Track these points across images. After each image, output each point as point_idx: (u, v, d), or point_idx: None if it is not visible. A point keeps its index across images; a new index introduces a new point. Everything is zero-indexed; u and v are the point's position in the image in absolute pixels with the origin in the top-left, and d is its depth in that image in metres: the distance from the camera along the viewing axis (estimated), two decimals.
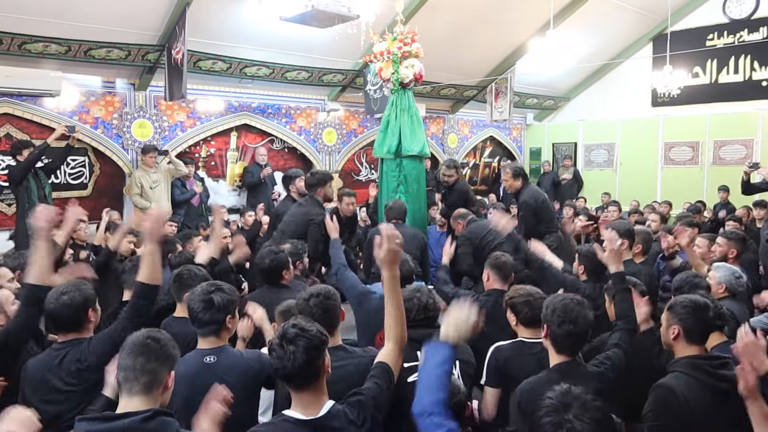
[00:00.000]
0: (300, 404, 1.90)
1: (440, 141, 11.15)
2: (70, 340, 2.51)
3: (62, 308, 2.47)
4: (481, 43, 9.02)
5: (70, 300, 2.48)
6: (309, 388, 1.89)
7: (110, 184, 7.41)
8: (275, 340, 1.90)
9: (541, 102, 12.25)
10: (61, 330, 2.55)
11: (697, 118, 10.63)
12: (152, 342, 1.91)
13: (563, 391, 1.64)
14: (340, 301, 2.64)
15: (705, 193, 10.05)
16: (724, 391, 2.28)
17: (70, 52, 6.40)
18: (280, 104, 8.80)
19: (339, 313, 2.61)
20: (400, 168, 5.38)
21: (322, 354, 1.91)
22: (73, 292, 2.51)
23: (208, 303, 2.46)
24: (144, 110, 7.45)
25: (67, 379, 2.43)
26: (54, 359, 2.46)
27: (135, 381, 1.86)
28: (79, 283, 2.61)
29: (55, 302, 2.48)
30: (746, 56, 10.24)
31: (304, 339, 1.87)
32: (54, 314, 2.50)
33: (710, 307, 2.42)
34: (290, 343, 1.85)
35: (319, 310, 2.50)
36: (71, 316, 2.49)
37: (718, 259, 4.35)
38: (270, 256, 3.63)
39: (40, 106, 6.67)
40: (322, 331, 1.96)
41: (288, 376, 1.88)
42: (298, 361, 1.84)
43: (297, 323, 1.93)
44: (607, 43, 10.80)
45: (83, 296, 2.52)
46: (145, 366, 1.87)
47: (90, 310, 2.55)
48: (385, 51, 5.25)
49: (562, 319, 2.35)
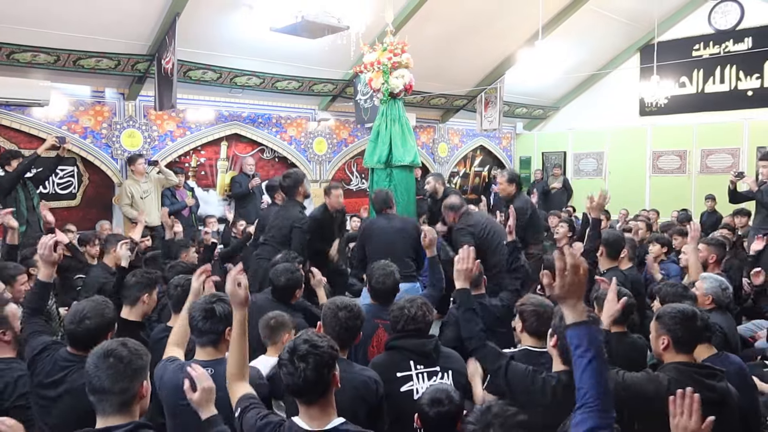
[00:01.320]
0: (307, 415, 1.89)
1: (430, 150, 11.19)
2: (82, 356, 2.41)
3: (84, 332, 2.47)
4: (470, 53, 9.09)
5: (94, 325, 2.48)
6: (317, 402, 1.89)
7: (99, 194, 7.37)
8: (285, 355, 1.88)
9: (530, 111, 12.34)
10: (76, 347, 2.52)
11: (685, 128, 10.75)
12: (116, 362, 1.83)
13: (483, 410, 1.62)
14: (362, 323, 2.67)
15: (693, 201, 10.16)
16: (710, 400, 2.29)
17: (59, 62, 6.38)
18: (271, 114, 8.80)
19: (358, 335, 2.66)
20: (391, 178, 5.39)
21: (332, 369, 1.90)
22: (96, 318, 2.49)
23: (209, 312, 2.41)
24: (134, 120, 7.43)
25: (67, 390, 2.42)
26: (63, 369, 2.47)
27: (107, 402, 1.82)
28: (103, 307, 2.57)
29: (78, 325, 2.47)
30: (732, 66, 10.38)
31: (314, 356, 1.85)
32: (75, 335, 2.50)
33: (698, 316, 2.43)
34: (301, 360, 1.84)
35: (345, 325, 2.54)
36: (91, 338, 2.45)
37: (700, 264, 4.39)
38: (286, 274, 3.56)
39: (28, 116, 6.64)
40: (333, 346, 1.95)
41: (298, 392, 1.88)
42: (309, 378, 1.83)
43: (309, 338, 1.90)
44: (595, 53, 10.92)
45: (106, 322, 2.53)
46: (114, 387, 1.81)
47: (109, 333, 2.54)
48: (376, 61, 5.27)
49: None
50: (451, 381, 2.71)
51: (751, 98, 10.22)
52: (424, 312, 2.81)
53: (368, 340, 3.27)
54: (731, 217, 7.78)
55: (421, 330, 2.79)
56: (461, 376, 2.80)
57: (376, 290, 3.39)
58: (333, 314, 2.55)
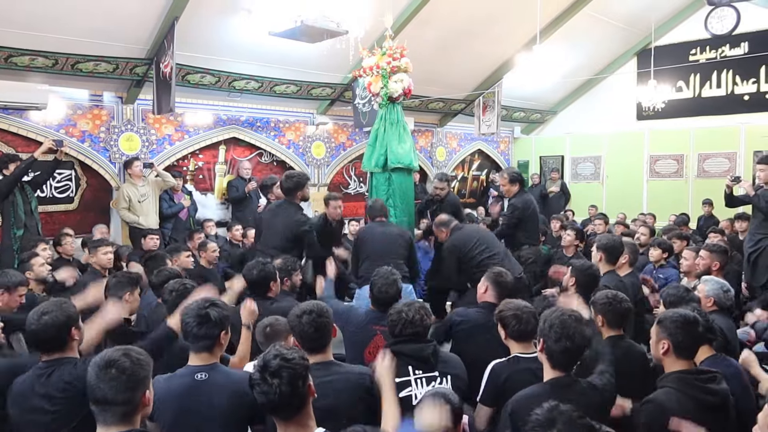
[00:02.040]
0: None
1: (429, 154, 11.20)
2: (55, 359, 2.43)
3: (44, 328, 2.40)
4: (468, 57, 9.10)
5: (52, 320, 2.41)
6: (295, 416, 1.86)
7: (97, 197, 7.35)
8: (256, 374, 1.86)
9: (528, 115, 12.36)
10: (44, 350, 2.47)
11: (682, 132, 10.77)
12: (119, 373, 1.81)
13: (550, 407, 1.63)
14: (332, 318, 2.63)
15: (690, 205, 10.18)
16: (713, 404, 2.30)
17: (57, 65, 6.37)
18: (269, 117, 8.80)
19: (331, 330, 2.61)
20: (389, 181, 5.40)
21: (306, 380, 1.88)
22: (55, 311, 2.43)
23: (204, 318, 2.41)
24: (132, 123, 7.42)
25: (51, 400, 2.35)
26: (39, 379, 2.39)
27: (110, 412, 1.81)
28: (61, 302, 2.54)
29: (37, 322, 2.41)
30: (728, 71, 10.42)
31: (287, 370, 1.83)
32: (36, 334, 2.43)
33: (699, 322, 2.43)
34: (274, 376, 1.82)
35: (312, 327, 2.50)
36: (54, 336, 2.42)
37: (702, 272, 4.41)
38: (258, 267, 3.64)
39: (26, 120, 6.62)
40: (304, 356, 1.94)
41: (274, 409, 1.86)
42: (284, 393, 1.81)
43: (278, 353, 1.88)
44: (592, 57, 10.95)
45: (65, 315, 2.45)
46: (118, 398, 1.80)
47: (73, 328, 2.48)
48: (374, 66, 5.29)
49: (559, 335, 2.32)
50: (449, 386, 2.71)
51: (747, 102, 10.25)
52: (422, 316, 2.81)
53: (365, 345, 3.28)
54: (729, 221, 7.80)
55: (419, 334, 2.79)
56: (460, 381, 2.79)
57: (378, 299, 3.39)
58: (297, 321, 2.53)
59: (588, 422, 1.57)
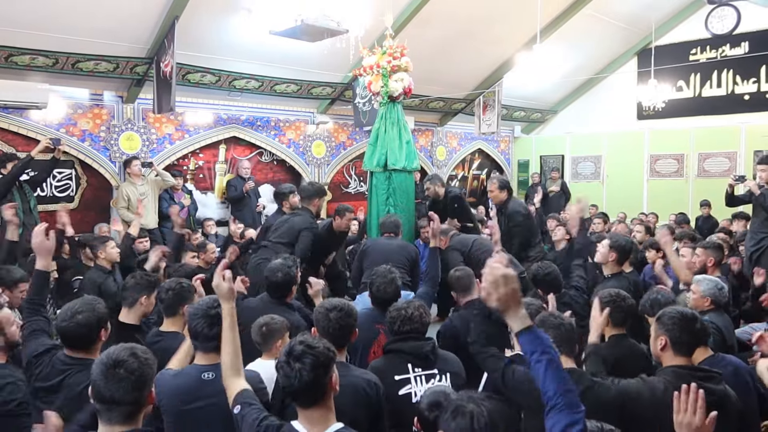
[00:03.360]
0: (306, 420, 1.88)
1: (429, 153, 11.20)
2: (80, 360, 2.45)
3: (76, 328, 2.44)
4: (469, 56, 9.11)
5: (85, 320, 2.44)
6: (315, 405, 1.88)
7: (97, 197, 7.36)
8: (282, 357, 1.89)
9: (528, 115, 12.36)
10: (71, 347, 2.50)
11: (682, 132, 10.78)
12: (127, 374, 1.79)
13: (459, 395, 1.78)
14: (357, 321, 2.65)
15: (690, 205, 10.17)
16: (709, 404, 2.29)
17: (58, 65, 6.38)
18: (269, 117, 8.81)
19: (353, 332, 2.64)
20: (390, 181, 5.39)
21: (329, 371, 1.89)
22: (87, 312, 2.46)
23: (214, 318, 2.37)
24: (132, 123, 7.42)
25: (68, 402, 2.37)
26: (59, 375, 2.43)
27: (116, 411, 1.80)
28: (94, 302, 2.56)
29: (69, 321, 2.44)
30: (728, 70, 10.41)
31: (310, 356, 1.85)
32: (66, 332, 2.47)
33: (698, 319, 2.44)
34: (297, 360, 1.84)
35: (337, 325, 2.53)
36: (84, 335, 2.46)
37: (699, 269, 4.40)
38: (283, 270, 3.50)
39: (26, 119, 6.63)
40: (330, 348, 1.94)
41: (294, 394, 1.88)
42: (305, 379, 1.83)
43: (304, 340, 1.91)
44: (593, 57, 10.95)
45: (97, 316, 2.49)
46: (126, 398, 1.79)
47: (102, 330, 2.51)
48: (375, 65, 5.28)
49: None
50: (449, 383, 2.71)
51: (748, 102, 10.25)
52: (421, 313, 2.83)
53: (370, 345, 3.27)
54: (729, 221, 7.80)
55: (417, 331, 2.80)
56: (459, 379, 2.80)
57: (377, 298, 3.39)
58: (324, 316, 2.55)
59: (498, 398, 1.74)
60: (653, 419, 2.17)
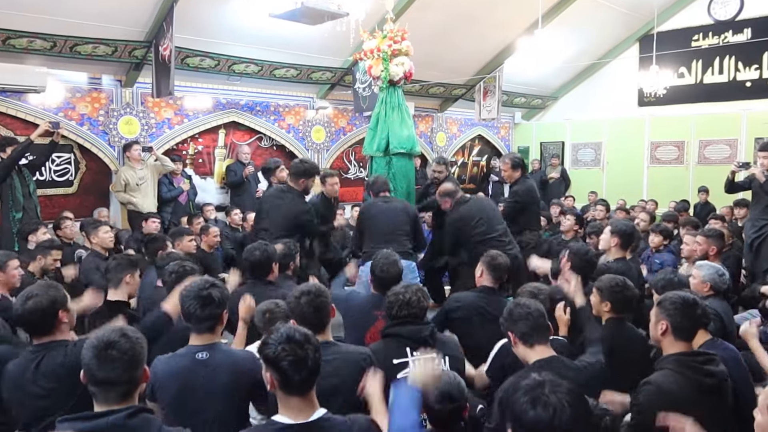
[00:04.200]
0: (288, 409, 1.84)
1: (429, 139, 11.17)
2: (46, 344, 2.41)
3: (29, 313, 2.38)
4: (470, 41, 9.04)
5: (35, 304, 2.37)
6: (307, 394, 1.86)
7: (96, 181, 7.33)
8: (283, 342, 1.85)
9: (529, 101, 12.31)
10: (34, 334, 2.47)
11: (683, 118, 10.74)
12: (120, 354, 1.80)
13: (537, 375, 1.70)
14: (330, 298, 2.64)
15: (690, 192, 10.15)
16: (710, 386, 2.31)
17: (56, 48, 6.33)
18: (269, 102, 8.76)
19: (330, 311, 2.61)
20: (390, 165, 5.38)
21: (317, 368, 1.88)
22: (39, 296, 2.39)
23: (206, 299, 2.40)
24: (131, 107, 7.38)
25: (44, 383, 2.33)
26: (30, 363, 2.38)
27: (112, 392, 1.81)
28: (48, 285, 2.52)
29: (21, 307, 2.39)
30: (731, 57, 10.35)
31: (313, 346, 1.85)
32: (22, 319, 2.43)
33: (699, 304, 2.44)
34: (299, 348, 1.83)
35: (310, 308, 2.49)
36: (40, 319, 2.40)
37: (700, 257, 4.41)
38: (260, 248, 3.60)
39: (24, 102, 6.59)
40: (311, 337, 1.92)
41: (293, 383, 1.84)
42: (312, 368, 1.82)
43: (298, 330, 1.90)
44: (594, 42, 10.88)
45: (50, 299, 2.40)
46: (121, 378, 1.81)
47: (60, 311, 2.44)
48: (375, 49, 5.25)
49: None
50: (447, 367, 2.72)
51: (749, 89, 10.20)
52: (419, 298, 2.83)
53: (366, 329, 3.29)
54: (729, 209, 7.80)
55: (416, 316, 2.81)
56: (458, 362, 2.81)
57: (380, 279, 3.39)
58: (296, 303, 2.52)
59: (573, 386, 1.67)
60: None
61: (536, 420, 1.59)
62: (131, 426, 1.79)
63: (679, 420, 1.90)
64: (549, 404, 1.59)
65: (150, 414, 1.88)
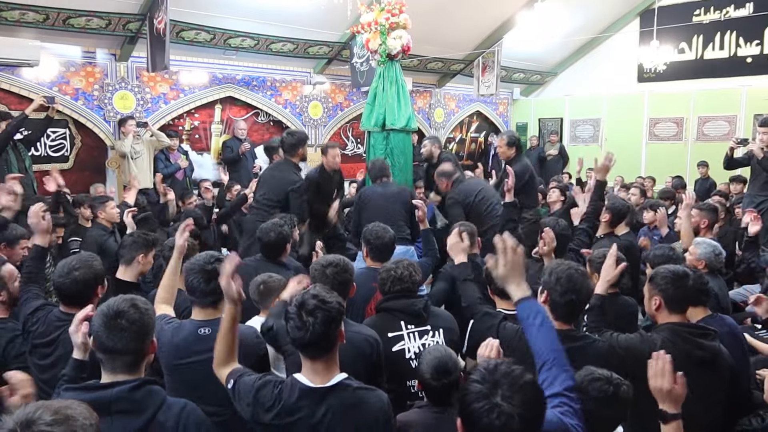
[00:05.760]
0: (311, 371, 1.90)
1: (426, 115, 11.10)
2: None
3: (72, 284, 2.49)
4: (469, 14, 8.91)
5: (82, 276, 2.49)
6: (323, 357, 1.90)
7: (92, 156, 7.29)
8: (293, 309, 1.89)
9: (527, 77, 12.21)
10: (68, 303, 2.54)
11: (682, 95, 10.67)
12: (128, 324, 1.82)
13: (490, 370, 1.49)
14: (353, 276, 2.67)
15: (688, 168, 10.15)
16: (702, 359, 2.33)
17: (48, 20, 6.24)
18: (265, 77, 8.68)
19: (350, 287, 2.65)
20: (388, 141, 5.36)
21: (339, 325, 1.91)
22: (84, 268, 2.51)
23: (212, 273, 2.36)
24: (126, 82, 7.31)
25: (62, 352, 2.41)
26: (56, 329, 2.47)
27: (119, 361, 1.83)
28: (91, 259, 2.59)
29: (66, 277, 2.48)
30: (732, 32, 10.26)
31: (322, 311, 1.86)
32: (63, 288, 2.51)
33: (690, 276, 2.45)
34: (309, 314, 1.85)
35: (335, 281, 2.52)
36: (81, 291, 2.50)
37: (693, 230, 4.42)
38: (275, 230, 3.60)
39: (18, 76, 6.52)
40: (341, 302, 1.96)
41: (304, 346, 1.89)
42: (316, 333, 1.84)
43: (317, 293, 1.91)
44: (594, 17, 10.76)
45: (94, 273, 2.54)
46: (128, 347, 1.82)
47: (99, 286, 2.56)
48: (373, 22, 5.19)
49: (565, 288, 2.30)
50: (442, 339, 2.75)
51: (750, 65, 10.13)
52: (411, 272, 2.83)
53: (367, 302, 3.30)
54: (726, 184, 7.80)
55: (408, 290, 2.82)
56: (452, 334, 2.83)
57: (374, 246, 3.42)
58: (321, 273, 2.55)
59: (530, 380, 1.49)
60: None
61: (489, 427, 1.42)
62: (135, 398, 1.80)
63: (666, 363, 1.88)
64: (502, 414, 1.40)
65: (155, 386, 1.88)
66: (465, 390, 1.49)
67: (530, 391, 1.46)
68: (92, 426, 1.28)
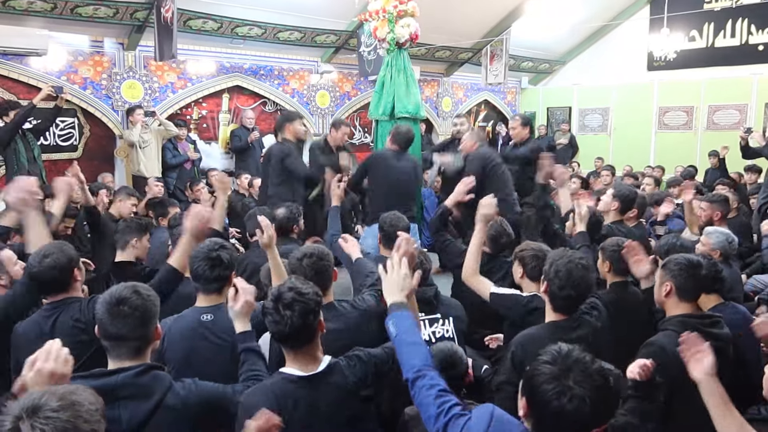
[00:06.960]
0: (296, 362, 1.91)
1: (434, 104, 11.04)
2: (60, 300, 2.46)
3: (47, 270, 2.42)
4: (476, 3, 8.84)
5: (54, 262, 2.42)
6: (304, 347, 1.90)
7: (101, 146, 7.31)
8: (269, 303, 1.88)
9: (536, 66, 12.12)
10: (49, 292, 2.51)
11: (692, 83, 10.57)
12: (132, 310, 1.84)
13: (563, 354, 1.48)
14: (333, 262, 2.64)
15: (698, 158, 10.06)
16: (715, 349, 2.31)
17: (56, 10, 6.23)
18: (273, 66, 8.65)
19: (332, 274, 2.63)
20: None
21: (317, 315, 1.91)
22: (56, 253, 2.44)
23: (216, 260, 2.42)
24: (133, 71, 7.31)
25: (62, 339, 2.39)
26: (46, 321, 2.42)
27: (124, 347, 1.84)
28: (61, 244, 2.56)
29: (39, 265, 2.42)
30: (743, 19, 10.12)
31: (300, 303, 1.86)
32: (39, 277, 2.45)
33: (703, 265, 2.43)
34: (286, 307, 1.85)
35: (312, 270, 2.50)
36: (57, 277, 2.44)
37: (705, 222, 4.39)
38: (284, 211, 3.84)
39: (26, 66, 6.53)
40: (317, 292, 1.95)
41: (284, 339, 1.89)
42: (295, 325, 1.84)
43: (293, 286, 1.90)
44: (603, 4, 10.65)
45: (67, 257, 2.47)
46: (133, 333, 1.84)
47: (75, 269, 2.51)
48: (381, 9, 5.16)
49: (563, 283, 2.30)
50: (452, 327, 2.75)
51: (761, 53, 10.00)
52: (421, 261, 2.83)
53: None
54: (738, 174, 7.74)
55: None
56: (462, 323, 2.83)
57: (387, 233, 3.42)
58: (298, 265, 2.53)
59: (600, 367, 1.46)
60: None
61: (560, 410, 1.40)
62: (141, 383, 1.81)
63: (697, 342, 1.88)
64: (575, 397, 1.39)
65: (161, 371, 1.90)
66: (535, 370, 1.46)
67: (600, 378, 1.43)
68: (98, 411, 1.30)
